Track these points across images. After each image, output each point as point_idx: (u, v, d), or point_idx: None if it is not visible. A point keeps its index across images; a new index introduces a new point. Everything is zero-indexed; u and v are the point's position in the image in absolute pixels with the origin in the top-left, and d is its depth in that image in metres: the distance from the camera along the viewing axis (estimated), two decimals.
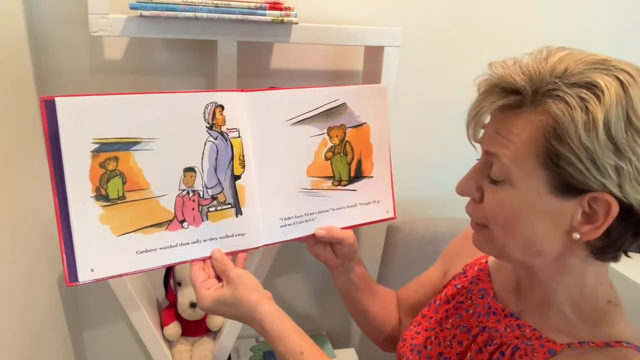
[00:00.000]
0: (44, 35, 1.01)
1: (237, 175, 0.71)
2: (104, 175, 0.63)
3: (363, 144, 0.81)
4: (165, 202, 0.67)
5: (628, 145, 0.50)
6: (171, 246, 0.68)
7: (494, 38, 1.24)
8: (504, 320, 0.66)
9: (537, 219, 0.56)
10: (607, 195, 0.51)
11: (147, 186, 0.66)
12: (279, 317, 0.66)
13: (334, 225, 0.78)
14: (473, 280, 0.75)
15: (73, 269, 0.62)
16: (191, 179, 0.68)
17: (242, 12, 0.91)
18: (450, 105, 1.26)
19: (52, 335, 1.05)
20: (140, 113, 0.65)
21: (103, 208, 0.64)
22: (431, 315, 0.77)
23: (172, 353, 1.12)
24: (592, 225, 0.54)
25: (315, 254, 0.80)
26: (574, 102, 0.50)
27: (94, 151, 0.62)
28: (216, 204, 0.70)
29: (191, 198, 0.69)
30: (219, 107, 0.69)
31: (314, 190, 0.77)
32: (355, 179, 0.81)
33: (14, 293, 0.88)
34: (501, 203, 0.58)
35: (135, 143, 0.65)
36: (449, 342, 0.71)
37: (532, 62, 0.55)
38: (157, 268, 0.68)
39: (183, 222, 0.69)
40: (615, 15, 1.29)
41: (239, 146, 0.71)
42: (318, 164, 0.77)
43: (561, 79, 0.52)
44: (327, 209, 0.79)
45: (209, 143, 0.69)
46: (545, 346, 0.60)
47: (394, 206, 0.86)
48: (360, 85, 0.80)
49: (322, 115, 0.77)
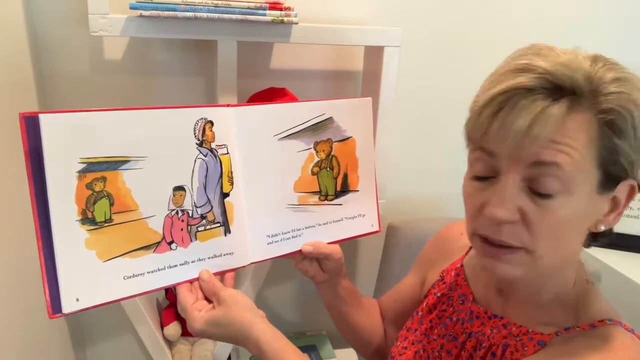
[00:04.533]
0: (44, 35, 1.01)
1: (225, 192, 0.70)
2: (91, 197, 0.59)
3: (349, 158, 0.80)
4: (153, 224, 0.64)
5: None
6: (159, 269, 0.65)
7: (494, 38, 1.24)
8: (489, 322, 0.66)
9: (584, 222, 0.55)
10: (632, 181, 0.54)
11: (135, 207, 0.63)
12: (274, 336, 0.65)
13: (321, 241, 0.77)
14: (452, 286, 0.74)
15: (57, 299, 0.58)
16: (180, 198, 0.66)
17: (242, 12, 0.91)
18: (450, 105, 1.26)
19: (52, 337, 1.06)
20: (129, 130, 0.61)
21: (89, 232, 0.59)
22: (416, 328, 0.76)
23: (172, 353, 1.12)
24: (615, 212, 0.56)
25: (303, 270, 0.79)
26: (627, 96, 0.51)
27: (81, 171, 0.59)
28: (205, 223, 0.68)
29: (180, 218, 0.66)
30: (209, 123, 0.67)
31: (300, 206, 0.76)
32: (341, 193, 0.80)
33: (12, 297, 0.88)
34: (558, 218, 0.52)
35: (124, 162, 0.61)
36: (438, 353, 0.70)
37: (574, 60, 0.52)
38: (144, 294, 0.64)
39: (171, 244, 0.66)
40: (616, 15, 1.29)
41: (227, 163, 0.69)
42: (305, 179, 0.76)
43: (607, 81, 0.52)
44: (313, 225, 0.78)
45: (199, 160, 0.67)
46: (533, 339, 0.61)
47: (378, 219, 0.85)
48: (346, 99, 0.79)
49: (309, 129, 0.76)
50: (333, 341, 1.35)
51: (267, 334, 0.64)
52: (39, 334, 0.97)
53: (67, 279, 0.58)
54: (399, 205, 1.32)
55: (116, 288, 0.62)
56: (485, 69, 0.60)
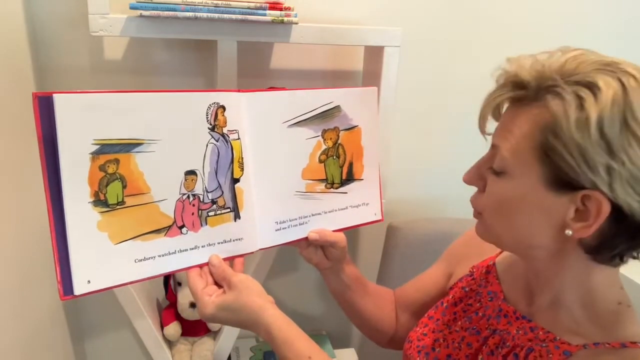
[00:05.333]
0: (44, 35, 1.01)
1: (236, 178, 0.70)
2: (103, 179, 0.60)
3: (355, 147, 0.81)
4: (165, 207, 0.65)
5: (621, 146, 0.50)
6: (169, 253, 0.66)
7: (494, 38, 1.23)
8: (516, 322, 0.66)
9: (531, 212, 0.58)
10: (598, 194, 0.52)
11: (147, 190, 0.63)
12: (285, 322, 0.66)
13: (326, 229, 0.79)
14: (481, 282, 0.75)
15: (68, 281, 0.58)
16: (192, 182, 0.66)
17: (242, 12, 0.91)
18: (450, 105, 1.26)
19: (52, 335, 1.06)
20: (143, 113, 0.62)
21: (101, 214, 0.60)
22: (438, 317, 0.77)
23: (172, 353, 1.12)
24: (584, 223, 0.54)
25: (307, 257, 0.80)
26: (570, 98, 0.52)
27: (94, 153, 0.59)
28: (215, 208, 0.69)
29: (191, 202, 0.67)
30: (221, 108, 0.68)
31: (308, 193, 0.77)
32: (347, 181, 0.81)
33: (11, 293, 0.88)
34: (499, 193, 0.60)
35: (137, 145, 0.62)
36: (458, 344, 0.71)
37: (545, 59, 0.57)
38: (155, 277, 0.65)
39: (182, 228, 0.66)
40: (616, 15, 1.29)
41: (238, 148, 0.70)
42: (312, 167, 0.77)
43: (563, 77, 0.53)
44: (319, 212, 0.79)
45: (210, 145, 0.67)
46: (560, 348, 0.60)
47: (381, 208, 0.86)
48: (352, 88, 0.81)
49: (317, 117, 0.77)
50: (333, 341, 1.35)
51: (278, 319, 0.65)
52: (38, 331, 0.97)
53: (78, 261, 0.59)
54: (399, 205, 1.32)
55: (127, 271, 0.62)
56: (485, 69, 0.60)
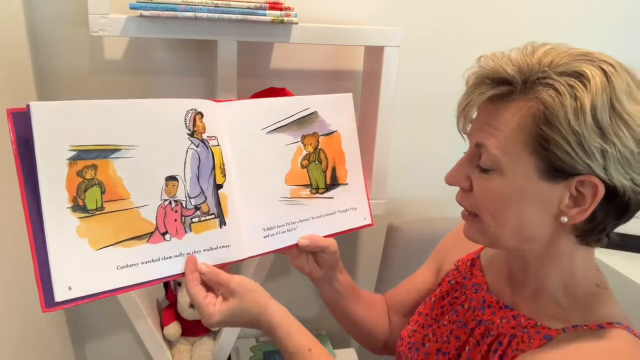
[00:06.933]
0: (44, 35, 1.01)
1: (219, 184, 0.70)
2: (82, 185, 0.60)
3: (336, 152, 0.81)
4: (146, 213, 0.64)
5: (612, 129, 0.53)
6: (153, 260, 0.64)
7: (494, 38, 1.23)
8: (499, 312, 0.68)
9: (527, 205, 0.58)
10: (593, 178, 0.54)
11: (127, 196, 0.62)
12: (285, 317, 0.68)
13: (316, 234, 0.78)
14: (466, 275, 0.77)
15: (49, 288, 0.57)
16: (173, 188, 0.66)
17: (242, 12, 0.91)
18: (450, 105, 1.26)
19: (51, 334, 1.05)
20: (119, 119, 0.62)
21: (80, 220, 0.59)
22: (427, 313, 0.79)
23: (172, 353, 1.12)
24: (580, 208, 0.56)
25: (299, 266, 0.80)
26: (564, 89, 0.53)
27: (71, 159, 0.59)
28: (199, 215, 0.68)
29: (173, 208, 0.66)
30: (199, 114, 0.68)
31: (293, 199, 0.77)
32: (332, 186, 0.81)
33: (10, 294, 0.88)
34: (490, 191, 0.60)
35: (115, 150, 0.61)
36: (447, 338, 0.73)
37: (520, 55, 0.58)
38: (139, 286, 0.63)
39: (165, 234, 0.65)
40: (616, 15, 1.29)
41: (219, 154, 0.70)
42: (295, 172, 0.77)
43: (550, 68, 0.55)
44: (307, 218, 0.78)
45: (190, 150, 0.67)
46: (541, 332, 0.62)
47: (370, 213, 0.86)
48: (327, 95, 0.81)
49: (295, 123, 0.77)
50: (333, 341, 1.35)
51: (280, 315, 0.68)
52: (38, 332, 0.97)
53: (59, 266, 0.58)
54: (399, 205, 1.32)
55: (109, 278, 0.61)
56: (474, 63, 0.62)
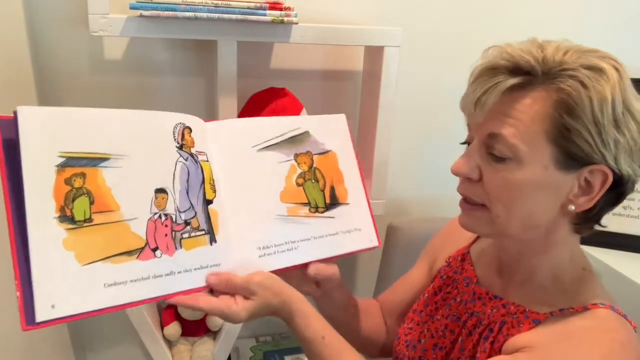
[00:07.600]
0: (44, 35, 1.01)
1: (209, 199, 0.68)
2: (70, 193, 0.56)
3: (333, 171, 0.79)
4: (136, 227, 0.60)
5: (624, 122, 0.55)
6: (143, 278, 0.60)
7: (494, 38, 1.23)
8: (489, 302, 0.70)
9: (541, 194, 0.59)
10: (604, 167, 0.56)
11: (116, 208, 0.59)
12: (305, 303, 0.68)
13: (318, 255, 0.75)
14: (457, 270, 0.78)
15: (30, 305, 0.53)
16: (163, 200, 0.63)
17: (242, 12, 0.91)
18: (450, 106, 1.26)
19: (51, 334, 1.05)
20: (109, 128, 0.60)
21: (67, 231, 0.56)
22: (421, 309, 0.79)
23: (172, 353, 1.12)
24: (587, 197, 0.58)
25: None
26: (588, 81, 0.54)
27: (60, 165, 0.56)
28: (189, 230, 0.65)
29: (163, 223, 0.63)
30: (187, 129, 0.67)
31: (291, 217, 0.74)
32: (332, 205, 0.78)
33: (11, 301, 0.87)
34: (505, 181, 0.59)
35: (104, 159, 0.59)
36: (442, 333, 0.74)
37: (532, 47, 0.59)
38: (127, 305, 0.59)
39: (156, 250, 0.62)
40: (615, 16, 1.29)
41: (208, 170, 0.68)
42: (290, 190, 0.75)
43: (570, 60, 0.56)
44: (308, 237, 0.75)
45: (179, 163, 0.65)
46: (529, 317, 0.63)
47: (377, 234, 0.82)
48: (319, 116, 0.80)
49: (286, 142, 0.75)
50: None
51: (297, 302, 0.68)
52: (38, 332, 0.97)
53: (42, 282, 0.53)
54: (399, 205, 1.32)
55: (96, 296, 0.57)
56: (482, 54, 0.62)
